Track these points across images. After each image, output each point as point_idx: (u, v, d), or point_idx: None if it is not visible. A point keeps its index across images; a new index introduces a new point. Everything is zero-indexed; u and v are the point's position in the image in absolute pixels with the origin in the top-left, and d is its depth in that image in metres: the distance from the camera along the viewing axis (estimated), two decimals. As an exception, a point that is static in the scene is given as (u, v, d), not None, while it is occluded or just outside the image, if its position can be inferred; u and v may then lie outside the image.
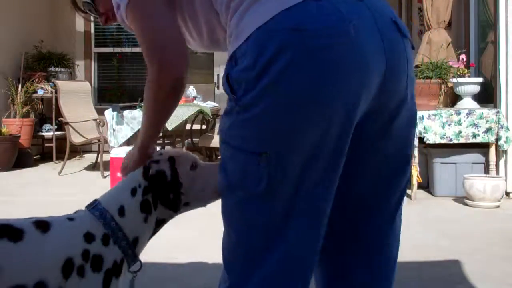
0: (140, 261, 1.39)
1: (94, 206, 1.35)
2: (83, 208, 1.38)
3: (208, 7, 1.28)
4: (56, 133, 7.83)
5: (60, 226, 1.30)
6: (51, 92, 7.79)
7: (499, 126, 4.97)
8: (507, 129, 4.97)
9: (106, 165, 5.62)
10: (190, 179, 1.39)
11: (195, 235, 3.86)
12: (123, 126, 6.03)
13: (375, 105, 1.18)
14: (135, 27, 1.30)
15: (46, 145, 8.14)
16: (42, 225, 1.28)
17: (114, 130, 6.06)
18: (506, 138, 4.96)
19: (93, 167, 7.21)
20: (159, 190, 1.36)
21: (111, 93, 9.44)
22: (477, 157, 5.18)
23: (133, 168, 1.40)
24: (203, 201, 1.43)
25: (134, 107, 6.17)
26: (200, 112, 6.26)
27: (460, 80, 5.32)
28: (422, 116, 5.02)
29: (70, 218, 1.34)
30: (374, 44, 1.14)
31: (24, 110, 7.67)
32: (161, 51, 1.24)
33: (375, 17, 1.15)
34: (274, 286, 1.18)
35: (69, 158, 6.96)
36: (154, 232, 1.43)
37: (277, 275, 1.17)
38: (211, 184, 1.37)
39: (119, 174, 6.41)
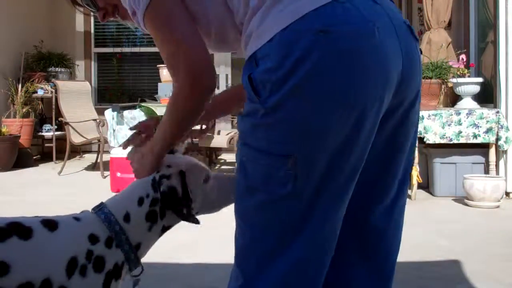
0: (142, 266, 1.39)
1: (100, 209, 1.37)
2: (88, 209, 1.39)
3: (221, 5, 1.26)
4: (56, 133, 7.83)
5: (67, 225, 1.32)
6: (51, 92, 7.80)
7: (499, 126, 4.97)
8: (507, 129, 4.97)
9: (106, 165, 5.62)
10: (201, 192, 1.41)
11: (196, 235, 3.86)
12: (123, 126, 6.03)
13: (393, 103, 1.21)
14: (155, 36, 1.27)
15: (46, 145, 8.15)
16: (50, 224, 1.30)
17: (114, 130, 6.06)
18: (506, 138, 4.96)
19: (93, 167, 7.21)
20: (171, 205, 1.37)
21: (111, 93, 9.44)
22: (477, 157, 5.18)
23: (146, 175, 1.40)
24: (212, 211, 1.46)
25: (134, 107, 6.18)
26: (200, 112, 6.26)
27: (460, 80, 5.32)
28: (422, 116, 5.02)
29: (76, 218, 1.35)
30: (394, 46, 1.16)
31: (24, 110, 7.67)
32: (191, 64, 1.21)
33: (392, 20, 1.18)
34: (288, 285, 1.18)
35: (69, 158, 6.96)
36: (158, 237, 1.44)
37: (292, 274, 1.18)
38: (223, 196, 1.41)
39: (119, 174, 6.37)
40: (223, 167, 7.37)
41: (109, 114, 6.14)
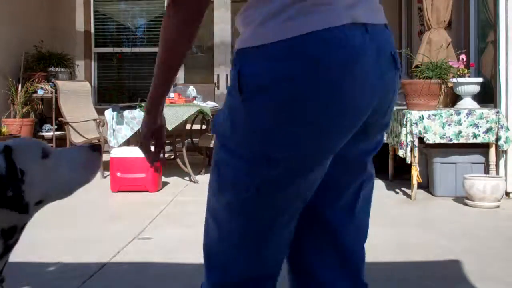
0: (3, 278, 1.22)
1: None
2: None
3: None
4: (56, 133, 7.83)
5: None
6: (51, 92, 7.80)
7: (499, 126, 4.97)
8: (507, 129, 4.97)
9: (106, 165, 5.62)
10: (42, 170, 1.22)
11: (196, 233, 3.85)
12: (123, 126, 6.03)
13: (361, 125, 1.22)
14: None
15: (46, 145, 8.14)
16: None
17: (114, 130, 6.06)
18: (506, 138, 4.96)
19: (93, 167, 7.20)
20: None
21: (111, 93, 9.44)
22: (477, 157, 5.18)
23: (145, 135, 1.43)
24: (64, 193, 1.30)
25: (134, 107, 6.17)
26: (200, 112, 6.26)
27: (460, 80, 5.32)
28: (422, 116, 5.02)
29: None
30: (373, 79, 1.16)
31: (24, 110, 7.67)
32: None
33: (378, 52, 1.17)
34: (253, 279, 1.25)
35: (69, 158, 6.95)
36: (8, 247, 1.20)
37: (254, 266, 1.25)
38: (73, 169, 1.28)
39: (119, 174, 6.36)
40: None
41: (109, 114, 6.14)
